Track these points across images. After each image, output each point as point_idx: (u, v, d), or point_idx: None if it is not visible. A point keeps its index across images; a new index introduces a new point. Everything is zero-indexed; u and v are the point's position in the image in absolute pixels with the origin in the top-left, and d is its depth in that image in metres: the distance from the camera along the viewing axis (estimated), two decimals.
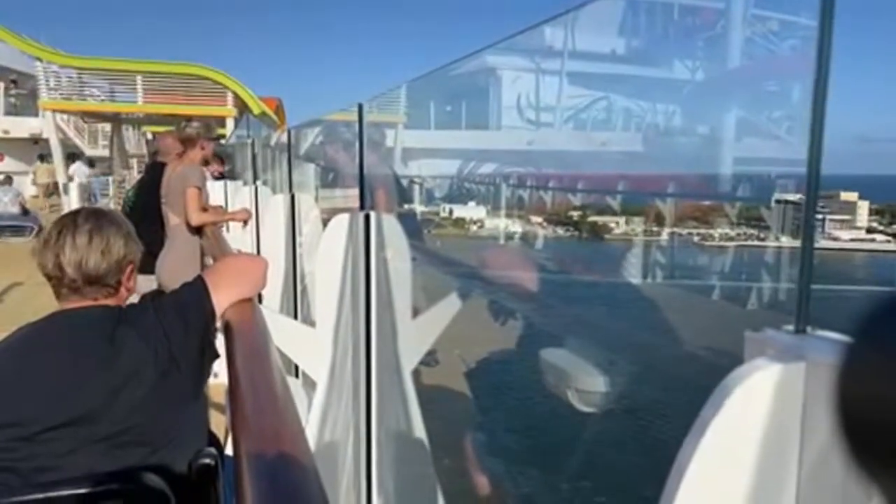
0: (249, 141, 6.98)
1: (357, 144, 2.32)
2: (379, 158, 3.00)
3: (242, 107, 19.88)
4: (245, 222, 4.87)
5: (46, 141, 22.21)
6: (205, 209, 4.37)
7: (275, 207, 4.16)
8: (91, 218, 1.67)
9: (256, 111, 19.46)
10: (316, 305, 2.38)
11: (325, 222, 3.83)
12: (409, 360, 2.26)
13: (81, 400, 1.41)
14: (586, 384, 1.67)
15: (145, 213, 4.44)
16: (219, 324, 1.63)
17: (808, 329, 0.65)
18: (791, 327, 0.65)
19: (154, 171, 4.82)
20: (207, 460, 1.52)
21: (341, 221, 2.28)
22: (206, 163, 6.00)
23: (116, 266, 1.64)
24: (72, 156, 23.66)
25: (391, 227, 2.26)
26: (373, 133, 2.71)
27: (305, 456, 0.95)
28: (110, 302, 1.64)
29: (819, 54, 0.63)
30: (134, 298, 1.77)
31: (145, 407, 1.45)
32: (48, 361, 1.47)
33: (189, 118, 4.83)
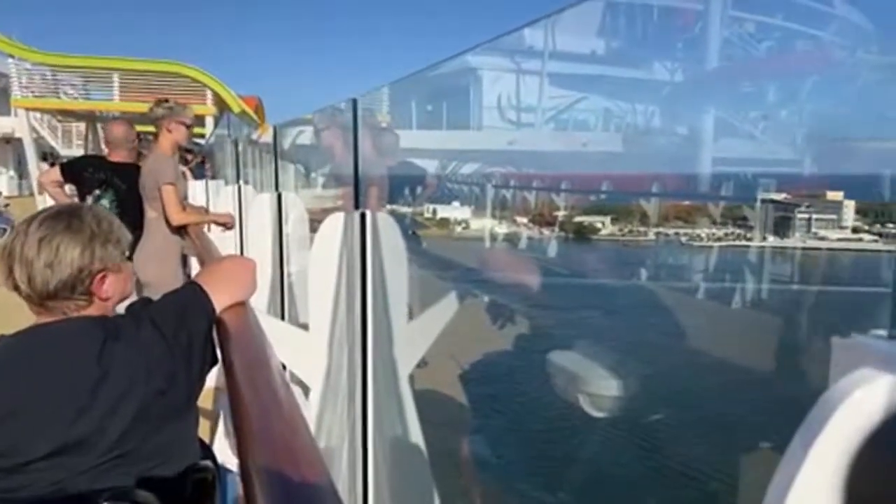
0: (231, 139, 6.87)
1: (352, 141, 2.26)
2: (370, 157, 2.94)
3: (222, 105, 19.71)
4: (228, 227, 4.63)
5: (19, 140, 21.81)
6: (184, 208, 4.26)
7: (260, 207, 4.09)
8: (46, 223, 1.47)
9: (236, 110, 19.31)
10: (309, 308, 2.32)
11: (311, 223, 3.76)
12: (406, 364, 2.20)
13: (68, 428, 1.28)
14: (598, 388, 1.63)
15: (132, 224, 4.16)
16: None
17: None
18: (883, 332, 0.60)
19: (126, 176, 4.45)
20: (203, 475, 1.44)
21: (336, 221, 2.22)
22: (185, 151, 5.63)
23: (73, 279, 1.45)
24: (46, 155, 23.25)
25: (387, 227, 2.20)
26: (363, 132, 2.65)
27: (319, 466, 0.90)
28: (91, 312, 1.49)
29: None
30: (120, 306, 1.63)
31: (137, 428, 1.33)
32: (30, 386, 1.33)
33: (165, 99, 4.29)
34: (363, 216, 2.13)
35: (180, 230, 4.14)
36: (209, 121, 19.25)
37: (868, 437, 0.56)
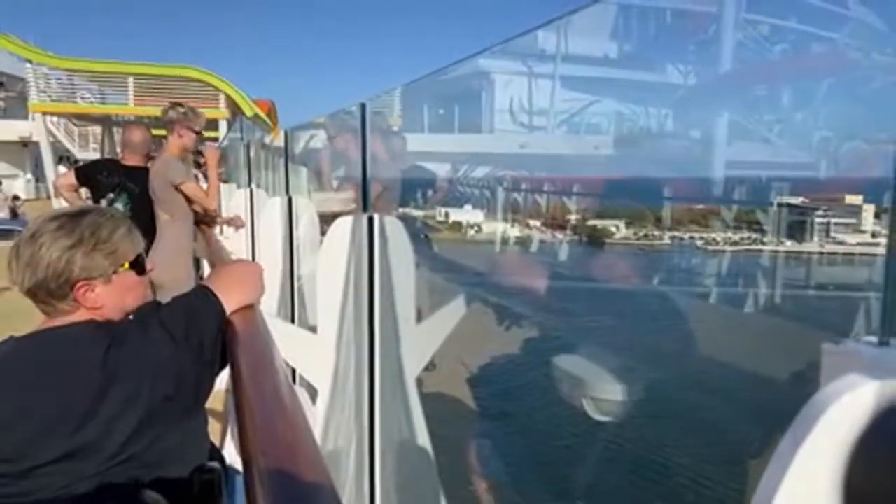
0: (244, 143, 6.91)
1: (360, 145, 2.26)
2: (378, 161, 2.95)
3: (235, 109, 19.85)
4: (236, 228, 4.67)
5: (36, 144, 22.09)
6: (207, 194, 4.25)
7: (271, 210, 4.11)
8: (45, 221, 1.45)
9: (249, 113, 19.44)
10: (317, 311, 2.32)
11: (321, 226, 3.78)
12: (413, 367, 2.20)
13: (74, 434, 1.27)
14: (603, 392, 1.62)
15: (145, 227, 4.13)
16: None
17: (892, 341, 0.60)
18: (873, 338, 0.60)
19: (139, 179, 4.46)
20: (210, 476, 1.45)
21: (344, 224, 2.22)
22: (198, 154, 5.66)
23: (49, 281, 1.41)
24: (62, 158, 23.53)
25: (395, 230, 2.20)
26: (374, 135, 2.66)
27: (320, 468, 0.90)
28: (87, 317, 1.46)
29: None
30: None
31: (144, 433, 1.32)
32: (34, 390, 1.32)
33: (179, 103, 4.28)
34: (371, 219, 2.13)
35: (192, 232, 4.16)
36: (222, 124, 19.40)
37: (854, 440, 0.55)
